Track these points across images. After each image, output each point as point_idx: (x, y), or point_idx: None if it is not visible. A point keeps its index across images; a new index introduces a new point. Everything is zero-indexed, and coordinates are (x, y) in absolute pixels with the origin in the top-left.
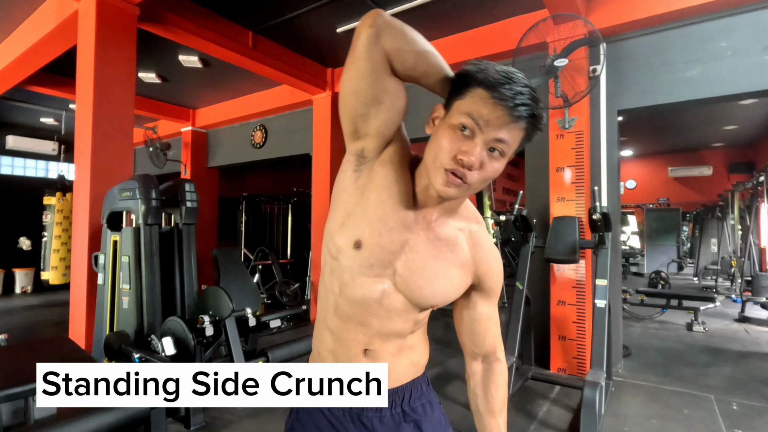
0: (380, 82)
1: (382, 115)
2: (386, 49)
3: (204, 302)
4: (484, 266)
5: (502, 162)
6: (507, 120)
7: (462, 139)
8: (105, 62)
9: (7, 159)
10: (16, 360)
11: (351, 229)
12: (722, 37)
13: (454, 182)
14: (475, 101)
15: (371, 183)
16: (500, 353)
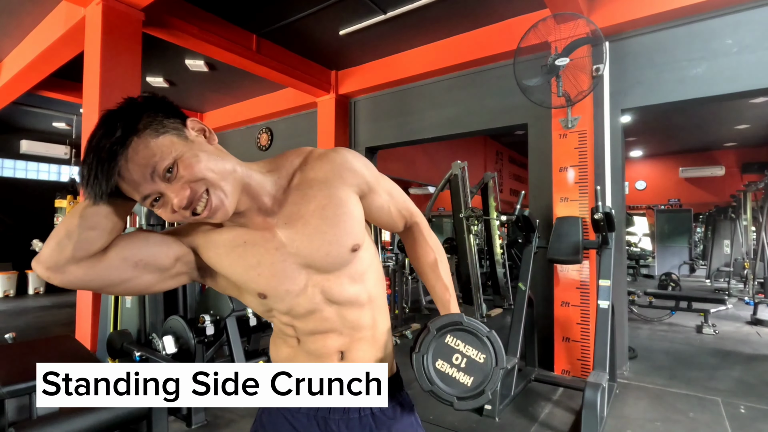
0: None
1: (145, 278)
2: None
3: (205, 302)
4: (345, 178)
5: (182, 160)
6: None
7: (161, 208)
8: (111, 66)
9: (21, 163)
10: (21, 357)
11: (246, 290)
12: (728, 34)
13: (208, 214)
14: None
15: (217, 264)
16: (415, 218)
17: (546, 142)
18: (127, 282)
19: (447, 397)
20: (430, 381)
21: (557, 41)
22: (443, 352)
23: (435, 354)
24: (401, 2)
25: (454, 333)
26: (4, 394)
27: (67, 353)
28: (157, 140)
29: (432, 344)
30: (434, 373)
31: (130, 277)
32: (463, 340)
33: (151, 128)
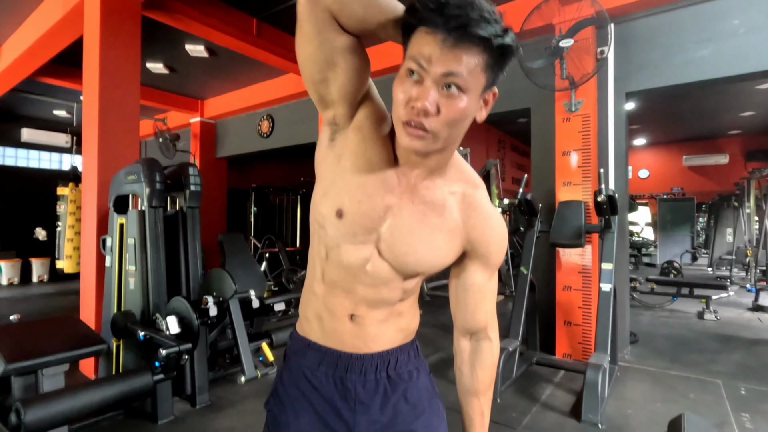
0: (329, 43)
1: (340, 77)
2: (328, 5)
3: (208, 284)
4: (477, 231)
5: (464, 99)
6: (449, 49)
7: (412, 86)
8: (110, 49)
9: (23, 152)
10: (26, 336)
11: (332, 199)
12: (735, 15)
13: (414, 134)
14: (416, 42)
15: (346, 150)
16: (492, 332)
17: (549, 126)
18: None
19: None
20: None
21: (561, 23)
22: None
23: None
24: None
25: None
26: (11, 371)
27: (72, 333)
28: (482, 73)
29: None
30: None
31: (330, 62)
32: None
33: (493, 64)
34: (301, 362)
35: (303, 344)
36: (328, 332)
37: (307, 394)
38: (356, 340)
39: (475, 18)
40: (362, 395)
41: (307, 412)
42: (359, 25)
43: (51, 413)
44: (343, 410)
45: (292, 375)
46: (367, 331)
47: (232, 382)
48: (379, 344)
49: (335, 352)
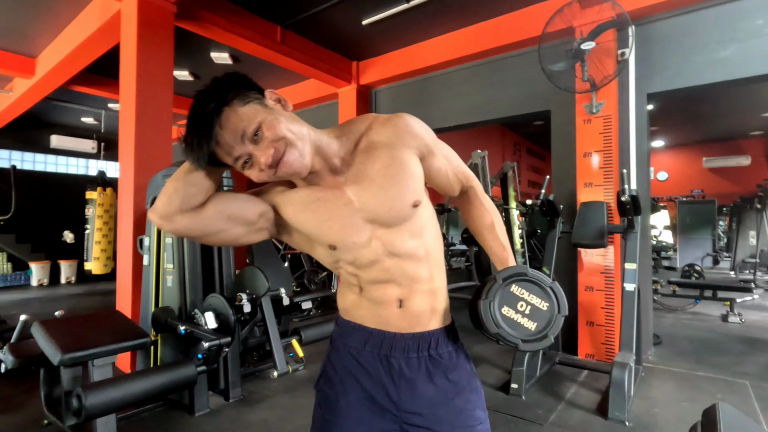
0: (208, 225)
1: (235, 230)
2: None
3: (241, 281)
4: (404, 139)
5: (265, 124)
6: (224, 136)
7: (250, 168)
8: (146, 59)
9: (52, 157)
10: (76, 329)
11: (318, 243)
12: (758, 15)
13: (286, 169)
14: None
15: (294, 217)
16: (471, 182)
17: (569, 128)
18: (221, 232)
19: (512, 339)
20: (497, 325)
21: (582, 26)
22: (509, 300)
23: (501, 301)
24: None
25: (520, 283)
26: (66, 360)
27: (117, 326)
28: (243, 108)
29: (498, 293)
30: (500, 318)
31: (223, 228)
32: (527, 289)
33: (237, 99)
34: (347, 343)
35: (349, 327)
36: (373, 316)
37: (355, 372)
38: (400, 321)
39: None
40: (406, 372)
41: (355, 389)
42: (195, 207)
43: (109, 398)
44: (389, 386)
45: (340, 355)
46: (411, 313)
47: (261, 378)
48: (420, 325)
49: (380, 332)
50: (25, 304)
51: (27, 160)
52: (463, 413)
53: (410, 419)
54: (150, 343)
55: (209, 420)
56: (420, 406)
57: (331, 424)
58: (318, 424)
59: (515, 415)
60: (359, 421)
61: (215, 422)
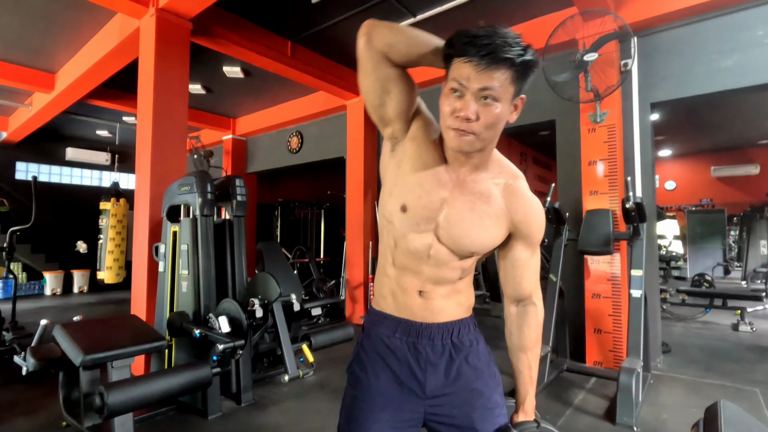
0: (383, 75)
1: (394, 100)
2: (379, 48)
3: (253, 287)
4: (520, 214)
5: (498, 106)
6: (482, 70)
7: (456, 100)
8: (163, 73)
9: (67, 169)
10: (96, 332)
11: (397, 197)
12: (759, 25)
13: (459, 136)
14: (456, 68)
15: (405, 157)
16: (536, 298)
17: (574, 137)
18: (380, 87)
19: None
20: None
21: (585, 38)
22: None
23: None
24: (430, 5)
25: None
26: (88, 361)
27: (135, 330)
28: (510, 85)
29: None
30: None
31: (385, 89)
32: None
33: (518, 77)
34: (378, 330)
35: (380, 316)
36: (400, 306)
37: (385, 356)
38: (425, 312)
39: (500, 44)
40: (432, 357)
41: (385, 371)
42: (404, 59)
43: (129, 397)
44: (416, 370)
45: (371, 341)
46: (434, 305)
47: (272, 383)
48: (443, 316)
49: (408, 321)
50: (40, 312)
51: (43, 172)
52: (483, 396)
53: (434, 401)
54: (166, 346)
55: (221, 423)
56: (443, 388)
57: (361, 403)
58: (348, 402)
59: None
60: (388, 400)
61: (227, 425)
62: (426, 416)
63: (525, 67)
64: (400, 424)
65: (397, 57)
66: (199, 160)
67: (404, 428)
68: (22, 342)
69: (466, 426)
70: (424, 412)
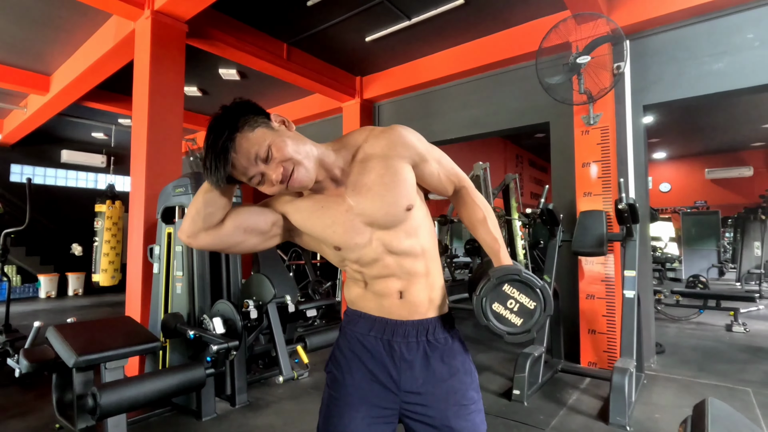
0: (224, 243)
1: (252, 240)
2: (203, 241)
3: (248, 288)
4: (398, 150)
5: (276, 137)
6: (239, 162)
7: (262, 185)
8: (158, 76)
9: (62, 172)
10: (89, 334)
11: (325, 245)
12: (749, 29)
13: (295, 183)
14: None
15: (301, 223)
16: (463, 182)
17: (568, 139)
18: (240, 244)
19: (499, 331)
20: (486, 318)
21: (578, 41)
22: (500, 297)
23: (492, 298)
24: (425, 8)
25: (512, 282)
26: (81, 362)
27: (129, 331)
28: (253, 133)
29: (491, 290)
30: (491, 312)
31: (242, 240)
32: (518, 288)
33: (247, 125)
34: (354, 329)
35: (356, 315)
36: (377, 306)
37: (360, 354)
38: (402, 311)
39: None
40: (406, 355)
41: (360, 370)
42: (214, 221)
43: (122, 398)
44: (390, 367)
45: (347, 340)
46: (412, 303)
47: (267, 385)
48: (419, 313)
49: (383, 319)
50: (35, 315)
51: (38, 174)
52: (458, 393)
53: (409, 398)
54: (160, 348)
55: (216, 425)
56: (417, 386)
57: (337, 401)
58: (326, 401)
59: (517, 420)
60: (363, 398)
61: (222, 427)
62: (402, 412)
63: (251, 125)
64: (376, 420)
65: (209, 225)
66: (196, 162)
67: (380, 424)
68: (16, 344)
69: (442, 425)
70: (399, 408)
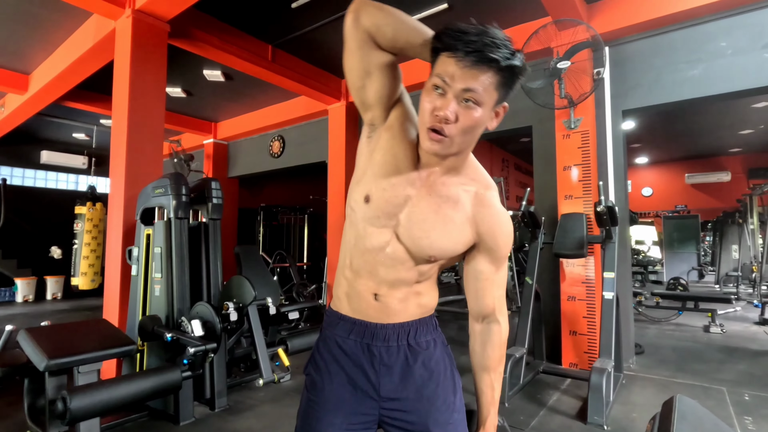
0: (366, 57)
1: (375, 84)
2: (366, 27)
3: (228, 290)
4: (486, 225)
5: (479, 110)
6: (468, 69)
7: (437, 98)
8: (139, 76)
9: (41, 173)
10: (62, 336)
11: (363, 186)
12: (722, 37)
13: (434, 138)
14: (441, 63)
15: (378, 146)
16: (500, 316)
17: (550, 142)
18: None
19: None
20: None
21: (559, 46)
22: None
23: None
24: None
25: None
26: (52, 366)
27: (104, 334)
28: (494, 90)
29: None
30: None
31: (367, 72)
32: None
33: (504, 82)
34: (334, 332)
35: (336, 317)
36: (356, 308)
37: (339, 358)
38: (380, 314)
39: (488, 43)
40: (386, 359)
41: (339, 374)
42: (390, 44)
43: (94, 401)
44: (370, 372)
45: (327, 343)
46: (389, 307)
47: (248, 388)
48: (400, 317)
49: (363, 322)
50: (10, 319)
51: (16, 175)
52: (439, 399)
53: (388, 404)
54: (136, 351)
55: (194, 429)
56: (397, 392)
57: (316, 405)
58: (304, 405)
59: None
60: (341, 403)
61: (199, 431)
62: (381, 418)
63: (511, 73)
64: (354, 427)
65: (382, 40)
66: (180, 164)
67: (359, 430)
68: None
69: None
70: (378, 414)
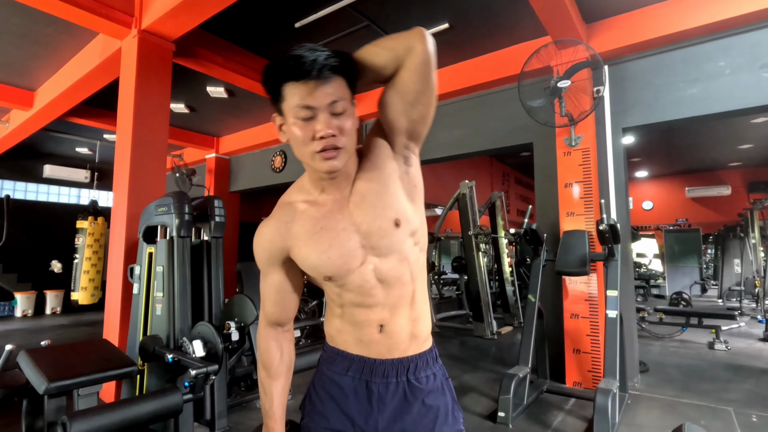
0: None
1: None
2: None
3: (230, 309)
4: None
5: (348, 111)
6: (316, 87)
7: (310, 125)
8: (144, 94)
9: (44, 187)
10: (62, 358)
11: (315, 273)
12: (720, 57)
13: (330, 156)
14: (291, 94)
15: (300, 255)
16: None
17: (551, 160)
18: None
19: None
20: None
21: (559, 65)
22: None
23: None
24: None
25: None
26: (52, 389)
27: (105, 355)
28: (347, 89)
29: None
30: None
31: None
32: None
33: (347, 75)
34: (331, 368)
35: (333, 353)
36: (355, 341)
37: (336, 396)
38: (381, 347)
39: (314, 55)
40: (385, 397)
41: (336, 412)
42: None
43: (94, 426)
44: (368, 411)
45: (323, 380)
46: (391, 337)
47: (248, 408)
48: (399, 351)
49: (361, 358)
50: (9, 335)
51: (19, 189)
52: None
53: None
54: (136, 372)
55: None
56: (395, 429)
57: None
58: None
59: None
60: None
61: None
62: None
63: (347, 64)
64: None
65: None
66: (182, 178)
67: None
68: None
69: None
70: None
